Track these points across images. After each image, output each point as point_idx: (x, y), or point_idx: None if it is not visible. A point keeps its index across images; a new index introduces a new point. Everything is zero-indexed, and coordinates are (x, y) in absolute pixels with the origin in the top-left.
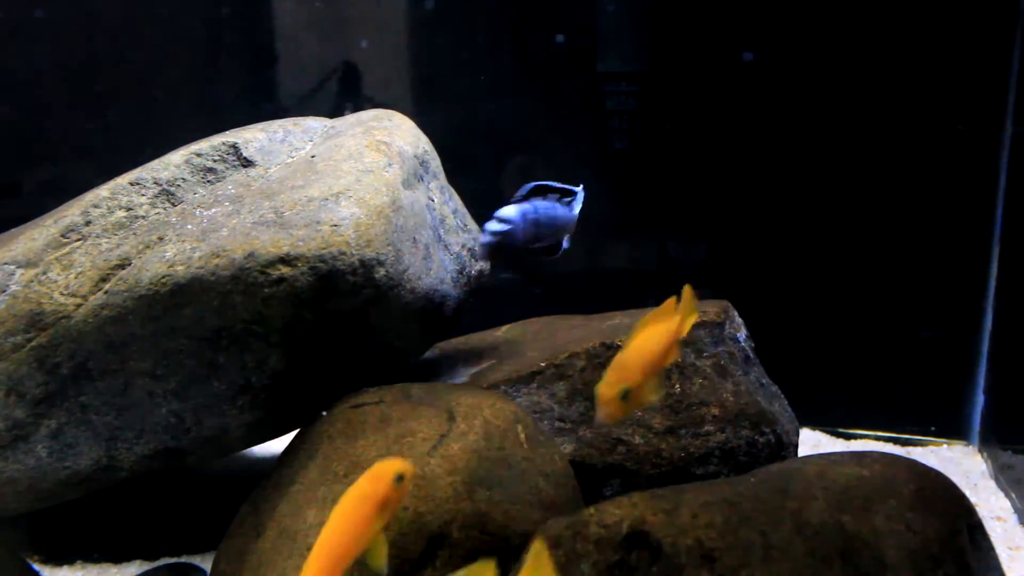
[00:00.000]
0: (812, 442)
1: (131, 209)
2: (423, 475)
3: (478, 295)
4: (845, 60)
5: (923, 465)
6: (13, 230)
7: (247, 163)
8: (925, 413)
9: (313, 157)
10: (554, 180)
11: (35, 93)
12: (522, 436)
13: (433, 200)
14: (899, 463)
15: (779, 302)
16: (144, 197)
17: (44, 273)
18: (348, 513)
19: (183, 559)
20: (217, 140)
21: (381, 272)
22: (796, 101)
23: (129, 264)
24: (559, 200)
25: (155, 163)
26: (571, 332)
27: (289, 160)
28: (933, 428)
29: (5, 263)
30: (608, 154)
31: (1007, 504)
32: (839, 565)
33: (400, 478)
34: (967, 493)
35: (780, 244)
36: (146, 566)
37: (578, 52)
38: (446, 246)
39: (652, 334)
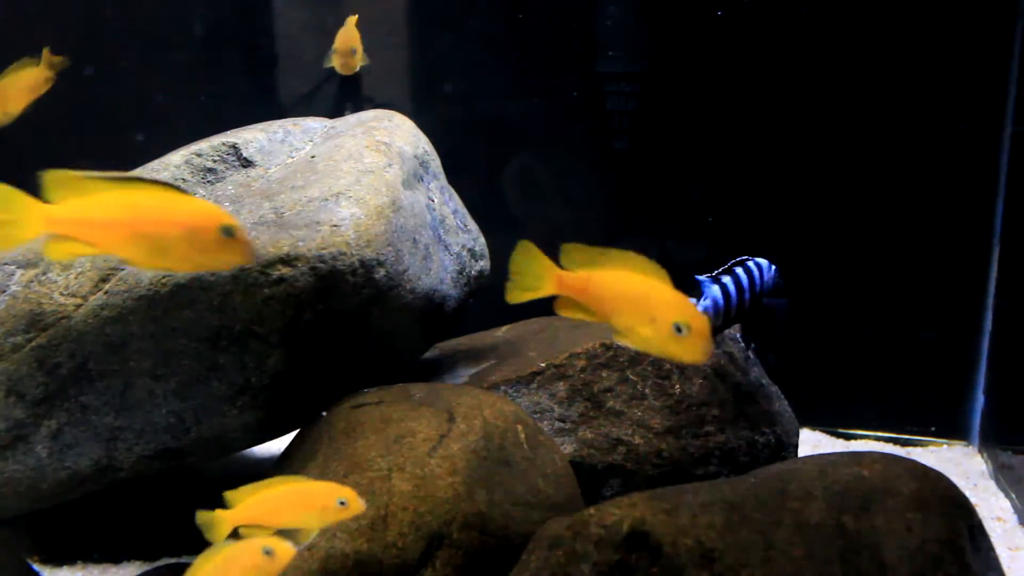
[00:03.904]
0: (812, 442)
1: None
2: (423, 475)
3: (478, 295)
4: (845, 61)
5: (923, 465)
6: None
7: (247, 163)
8: (925, 413)
9: (313, 157)
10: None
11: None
12: (522, 436)
13: (433, 200)
14: (899, 463)
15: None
16: None
17: (44, 273)
18: None
19: (183, 559)
20: (217, 140)
21: (381, 272)
22: (797, 101)
23: None
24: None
25: (155, 163)
26: (571, 332)
27: (289, 160)
28: (933, 428)
29: (5, 263)
30: (608, 154)
31: (1007, 504)
32: (839, 565)
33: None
34: (967, 493)
35: (780, 244)
36: (146, 566)
37: (578, 52)
38: (446, 246)
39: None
